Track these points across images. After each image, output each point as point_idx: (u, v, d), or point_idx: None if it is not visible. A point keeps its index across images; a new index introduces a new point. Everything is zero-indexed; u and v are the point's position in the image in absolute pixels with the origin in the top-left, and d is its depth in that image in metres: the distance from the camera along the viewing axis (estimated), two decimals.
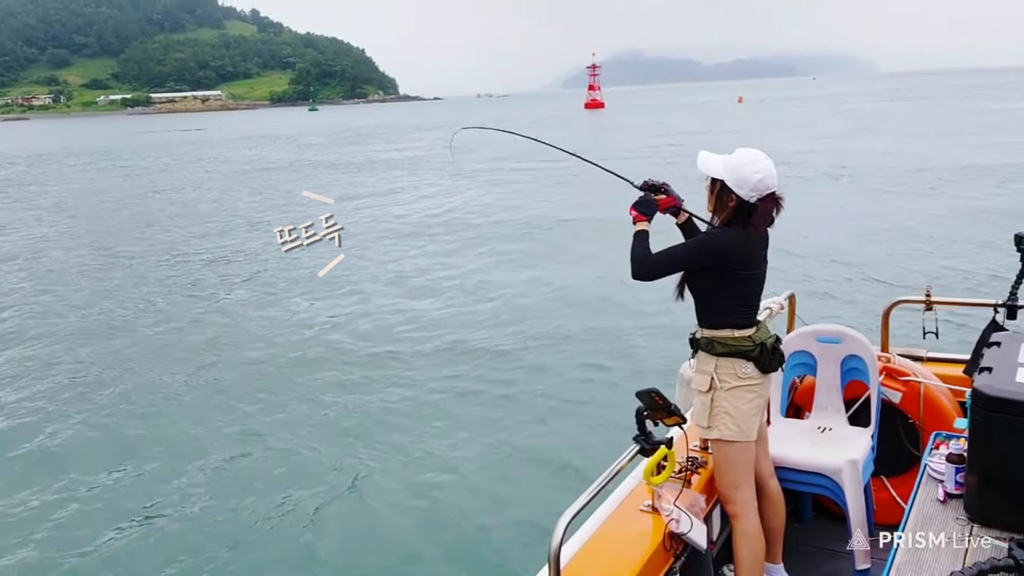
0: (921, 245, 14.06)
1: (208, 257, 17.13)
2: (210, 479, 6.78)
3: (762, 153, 2.83)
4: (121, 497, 6.58)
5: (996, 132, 35.53)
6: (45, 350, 10.90)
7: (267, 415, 8.13)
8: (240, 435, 7.67)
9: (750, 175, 2.78)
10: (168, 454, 7.31)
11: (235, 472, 6.93)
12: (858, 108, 68.94)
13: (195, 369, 9.64)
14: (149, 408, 8.53)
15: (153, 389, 9.03)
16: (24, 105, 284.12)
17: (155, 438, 7.72)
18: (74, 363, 10.22)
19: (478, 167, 33.10)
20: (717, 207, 2.90)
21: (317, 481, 6.62)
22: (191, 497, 6.48)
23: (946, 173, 23.22)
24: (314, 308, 12.42)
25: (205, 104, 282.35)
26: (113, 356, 10.44)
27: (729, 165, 2.83)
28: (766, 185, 2.79)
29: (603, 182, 3.65)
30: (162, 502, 6.42)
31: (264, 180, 33.62)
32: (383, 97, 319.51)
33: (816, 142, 36.21)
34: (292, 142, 63.35)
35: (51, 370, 9.99)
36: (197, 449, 7.40)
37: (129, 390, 9.07)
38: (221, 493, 6.51)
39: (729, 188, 2.82)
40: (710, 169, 2.88)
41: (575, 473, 6.32)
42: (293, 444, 7.40)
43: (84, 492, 6.70)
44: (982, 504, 2.30)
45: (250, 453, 7.27)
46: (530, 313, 11.20)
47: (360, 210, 22.74)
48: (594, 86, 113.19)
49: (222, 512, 6.22)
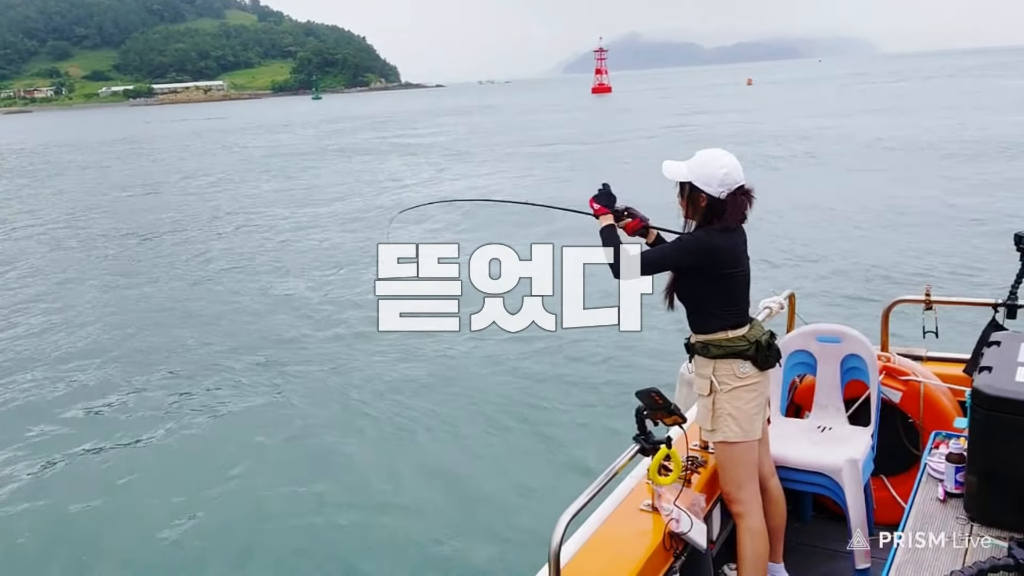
0: (921, 245, 14.00)
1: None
2: (211, 480, 6.76)
3: (723, 151, 2.88)
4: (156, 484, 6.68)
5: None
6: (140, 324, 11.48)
7: (266, 411, 8.17)
8: (252, 432, 7.70)
9: (715, 171, 2.83)
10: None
11: (235, 471, 6.90)
12: (872, 88, 68.50)
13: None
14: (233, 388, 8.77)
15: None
16: (26, 98, 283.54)
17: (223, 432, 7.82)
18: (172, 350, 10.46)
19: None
20: (689, 210, 2.92)
21: (316, 480, 6.60)
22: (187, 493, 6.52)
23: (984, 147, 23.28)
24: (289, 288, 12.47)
25: (208, 94, 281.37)
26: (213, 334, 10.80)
27: (693, 167, 2.87)
28: (733, 179, 2.83)
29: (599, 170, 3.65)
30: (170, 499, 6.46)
31: (342, 164, 33.91)
32: (385, 85, 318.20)
33: (842, 119, 36.20)
34: (328, 128, 62.94)
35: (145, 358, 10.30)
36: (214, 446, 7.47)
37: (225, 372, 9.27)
38: (222, 494, 6.50)
39: (698, 188, 2.86)
40: (676, 174, 2.91)
41: (575, 473, 6.31)
42: (288, 438, 7.43)
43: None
44: (982, 504, 2.31)
45: (251, 451, 7.26)
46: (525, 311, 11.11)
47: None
48: (601, 70, 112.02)
49: (222, 511, 6.22)
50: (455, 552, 5.48)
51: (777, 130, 34.08)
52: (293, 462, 7.00)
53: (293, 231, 18.84)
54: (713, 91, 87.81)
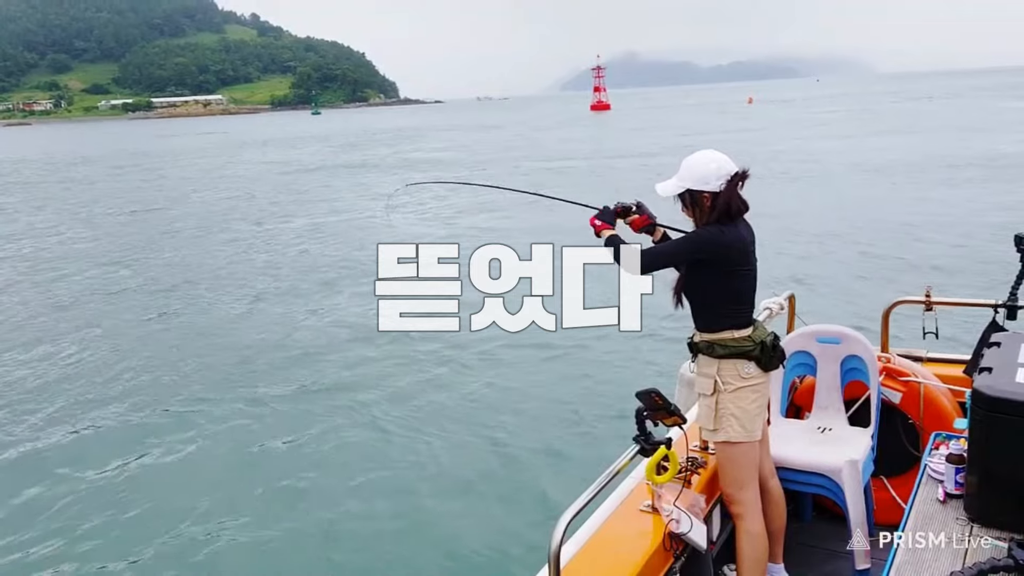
0: (922, 245, 14.05)
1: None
2: (212, 481, 6.77)
3: (708, 149, 2.91)
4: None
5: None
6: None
7: (263, 406, 8.23)
8: (249, 434, 7.72)
9: (707, 168, 2.85)
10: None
11: (236, 470, 6.93)
12: (877, 108, 68.90)
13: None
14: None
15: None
16: (25, 110, 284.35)
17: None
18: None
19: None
20: (697, 215, 2.92)
21: (316, 480, 6.61)
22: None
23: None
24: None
25: (207, 108, 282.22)
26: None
27: (684, 174, 2.89)
28: (726, 170, 2.85)
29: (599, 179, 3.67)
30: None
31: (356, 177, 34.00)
32: (384, 101, 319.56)
33: (847, 141, 36.31)
34: (344, 143, 63.08)
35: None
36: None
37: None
38: (224, 494, 6.51)
39: (697, 191, 2.87)
40: (670, 189, 2.92)
41: (575, 473, 6.30)
42: (289, 441, 7.42)
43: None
44: (982, 504, 2.30)
45: (251, 451, 7.29)
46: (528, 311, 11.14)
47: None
48: (600, 88, 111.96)
49: (218, 512, 6.21)
50: (455, 552, 5.47)
51: (786, 149, 34.15)
52: (292, 461, 7.00)
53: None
54: (714, 110, 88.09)
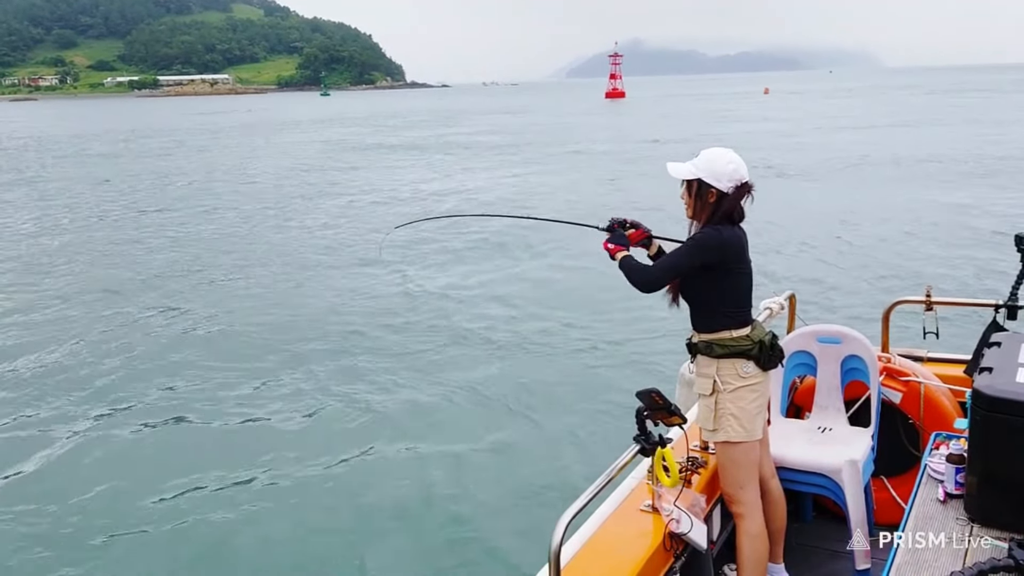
0: (922, 245, 13.98)
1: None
2: (214, 479, 6.75)
3: (728, 149, 2.92)
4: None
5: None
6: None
7: (263, 405, 8.18)
8: (251, 425, 7.74)
9: (724, 167, 2.86)
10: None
11: (235, 469, 6.85)
12: (896, 100, 68.30)
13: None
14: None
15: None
16: (31, 86, 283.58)
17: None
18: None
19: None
20: (697, 207, 2.93)
21: (315, 480, 6.58)
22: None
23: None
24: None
25: (214, 87, 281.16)
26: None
27: (700, 164, 2.90)
28: (740, 175, 2.87)
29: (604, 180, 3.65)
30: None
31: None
32: (391, 83, 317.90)
33: (877, 132, 36.00)
34: (386, 127, 62.54)
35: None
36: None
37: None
38: (207, 494, 6.47)
39: (707, 184, 2.88)
40: (684, 172, 2.93)
41: (575, 473, 6.29)
42: (286, 438, 7.40)
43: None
44: (982, 504, 2.31)
45: (249, 452, 7.19)
46: (528, 312, 11.12)
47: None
48: (616, 75, 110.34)
49: (221, 510, 6.20)
50: (455, 552, 5.46)
51: (818, 142, 33.81)
52: (291, 462, 6.93)
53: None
54: (732, 100, 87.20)
